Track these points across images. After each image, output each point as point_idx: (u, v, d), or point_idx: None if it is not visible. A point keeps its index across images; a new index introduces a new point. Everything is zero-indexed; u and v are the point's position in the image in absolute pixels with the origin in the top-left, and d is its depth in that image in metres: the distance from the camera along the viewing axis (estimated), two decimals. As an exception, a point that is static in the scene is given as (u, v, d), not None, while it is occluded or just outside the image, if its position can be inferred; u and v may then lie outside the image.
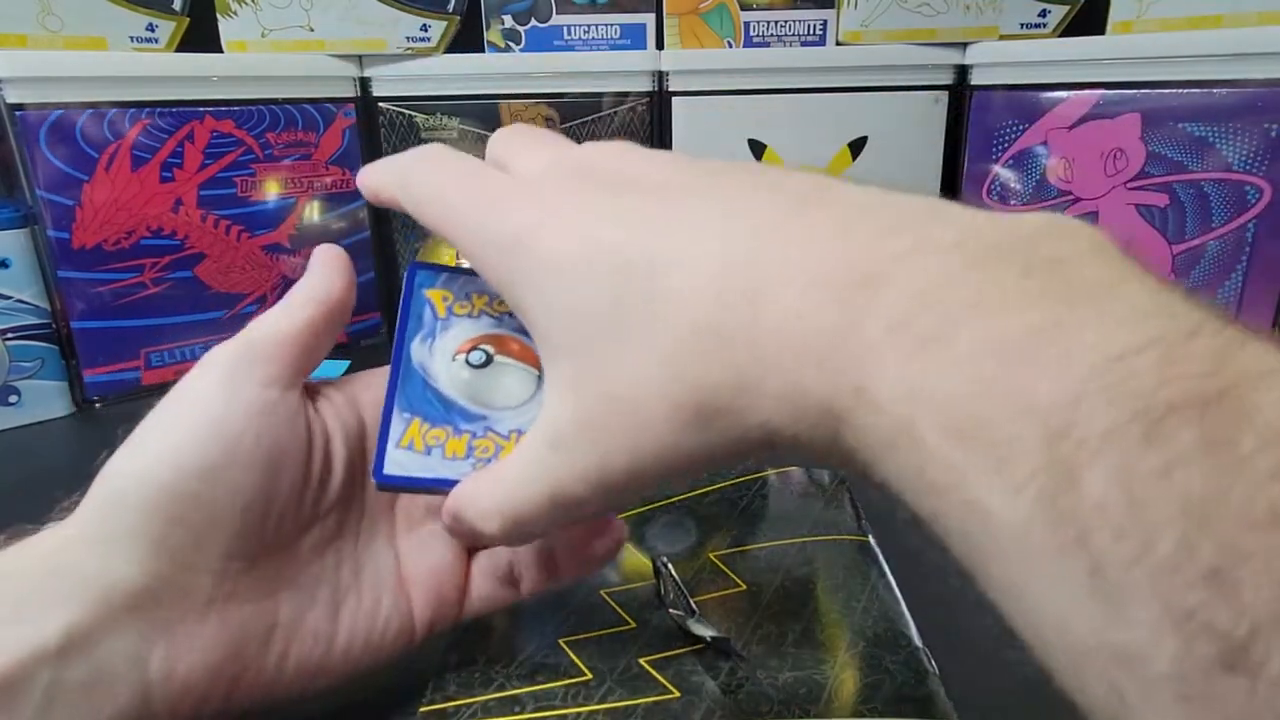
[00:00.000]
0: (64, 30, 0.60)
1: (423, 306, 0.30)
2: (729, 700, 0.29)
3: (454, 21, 0.70)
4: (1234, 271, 0.58)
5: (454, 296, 0.30)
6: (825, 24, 0.71)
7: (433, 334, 0.29)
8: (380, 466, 0.26)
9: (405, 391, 0.27)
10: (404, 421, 0.27)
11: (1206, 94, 0.57)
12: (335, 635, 0.27)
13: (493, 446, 0.27)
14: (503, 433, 0.27)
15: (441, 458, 0.26)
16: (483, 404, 0.28)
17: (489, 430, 0.27)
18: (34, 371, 0.57)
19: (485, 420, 0.27)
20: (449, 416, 0.27)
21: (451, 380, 0.28)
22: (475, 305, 0.30)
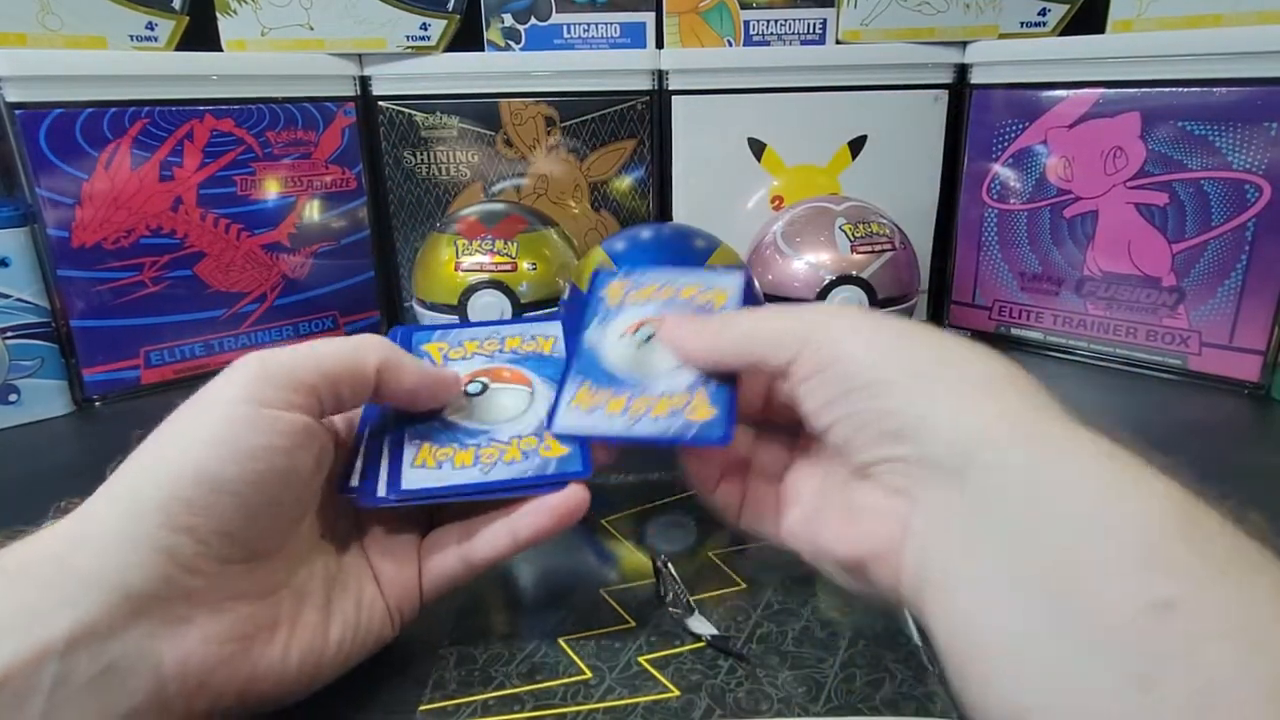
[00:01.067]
0: (64, 29, 0.60)
1: (599, 301, 0.36)
2: (728, 699, 0.29)
3: (454, 20, 0.70)
4: (1234, 270, 0.58)
5: (629, 286, 0.36)
6: (825, 23, 0.71)
7: (606, 318, 0.36)
8: (552, 420, 0.32)
9: (578, 364, 0.34)
10: (574, 386, 0.33)
11: (1206, 93, 0.57)
12: (329, 630, 0.28)
13: (645, 406, 0.32)
14: (656, 394, 0.32)
15: (604, 414, 0.32)
16: (641, 373, 0.33)
17: (644, 393, 0.32)
18: (34, 370, 0.57)
19: (641, 386, 0.33)
20: (611, 383, 0.33)
21: (617, 353, 0.34)
22: (645, 293, 0.36)
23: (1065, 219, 0.65)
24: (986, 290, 0.71)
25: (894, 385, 0.26)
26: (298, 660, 0.27)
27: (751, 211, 0.73)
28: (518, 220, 0.63)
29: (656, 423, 0.31)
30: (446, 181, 0.74)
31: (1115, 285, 0.64)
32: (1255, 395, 0.59)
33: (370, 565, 0.31)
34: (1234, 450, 0.51)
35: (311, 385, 0.28)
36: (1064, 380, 0.63)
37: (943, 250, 0.74)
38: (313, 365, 0.28)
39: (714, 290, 0.36)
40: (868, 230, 0.60)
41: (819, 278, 0.59)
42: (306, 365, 0.28)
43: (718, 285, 0.36)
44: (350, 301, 0.73)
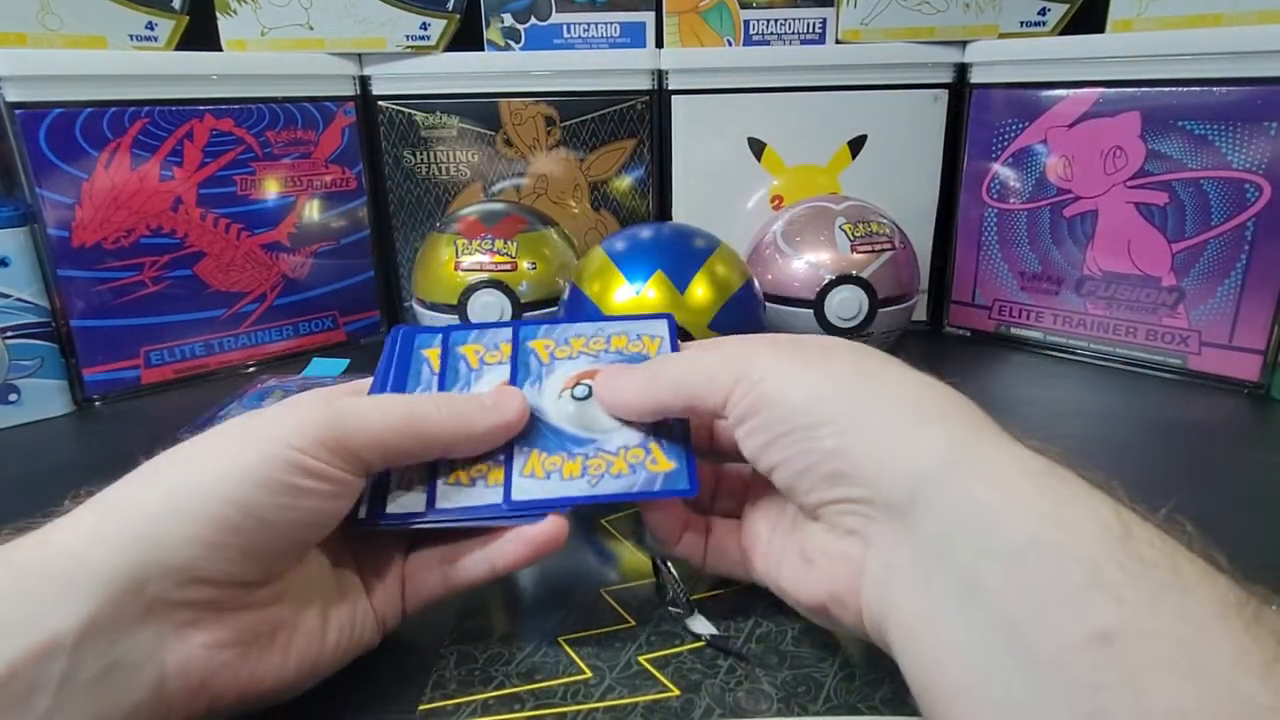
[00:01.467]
0: (64, 29, 0.60)
1: (529, 356, 0.34)
2: (728, 699, 0.29)
3: (454, 20, 0.70)
4: (1233, 270, 0.58)
5: (554, 343, 0.34)
6: (825, 22, 0.71)
7: (539, 379, 0.33)
8: (509, 493, 0.30)
9: (521, 432, 0.31)
10: (524, 455, 0.31)
11: (1206, 92, 0.57)
12: (326, 635, 0.28)
13: (604, 463, 0.31)
14: (612, 450, 0.31)
15: (561, 480, 0.30)
16: (589, 430, 0.32)
17: (600, 450, 0.31)
18: (34, 370, 0.57)
19: (594, 444, 0.31)
20: (561, 445, 0.31)
21: (559, 413, 0.32)
22: (574, 347, 0.35)
23: (1065, 218, 0.65)
24: (986, 290, 0.71)
25: (830, 423, 0.26)
26: (296, 663, 0.27)
27: (751, 211, 0.73)
28: (518, 220, 0.63)
29: (619, 480, 0.30)
30: (446, 181, 0.74)
31: (1115, 285, 0.64)
32: (1255, 395, 0.59)
33: (361, 576, 0.31)
34: (1234, 450, 0.51)
35: (367, 460, 0.28)
36: (1064, 380, 0.63)
37: (943, 250, 0.74)
38: (376, 442, 0.27)
39: (643, 339, 0.35)
40: (868, 230, 0.60)
41: (819, 277, 0.59)
42: (369, 442, 0.27)
43: (646, 333, 0.35)
44: (350, 301, 0.73)
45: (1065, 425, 0.54)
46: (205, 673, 0.25)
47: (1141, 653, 0.18)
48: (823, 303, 0.59)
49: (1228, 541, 0.21)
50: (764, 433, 0.27)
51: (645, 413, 0.31)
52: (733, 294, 0.52)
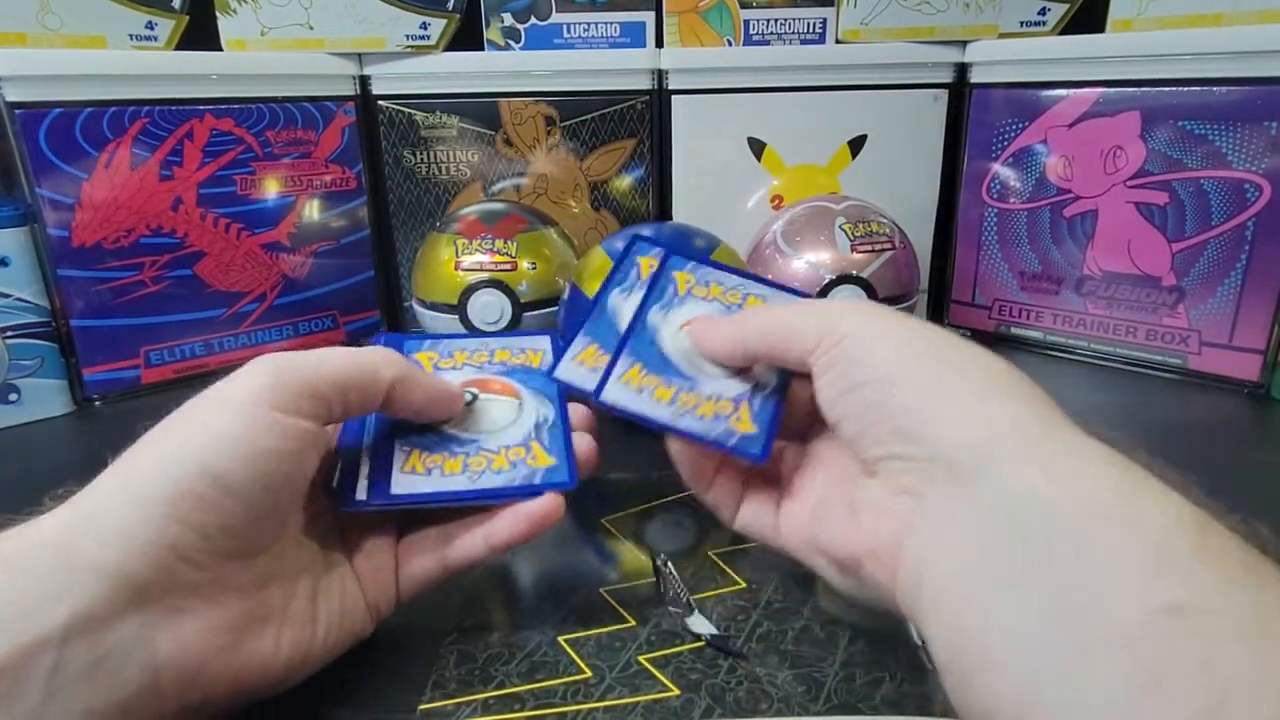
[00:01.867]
0: (63, 29, 0.60)
1: (668, 285, 0.36)
2: (728, 698, 0.29)
3: (454, 19, 0.70)
4: (1233, 269, 0.58)
5: (695, 280, 0.36)
6: (825, 22, 0.71)
7: (669, 305, 0.35)
8: (600, 390, 0.32)
9: (635, 341, 0.34)
10: (628, 363, 0.33)
11: (1206, 92, 0.57)
12: (316, 622, 0.29)
13: (693, 402, 0.32)
14: (705, 394, 0.32)
15: (651, 398, 0.32)
16: (695, 367, 0.33)
17: (694, 389, 0.33)
18: (34, 370, 0.57)
19: (693, 381, 0.33)
20: (663, 369, 0.33)
21: (674, 342, 0.34)
22: (711, 291, 0.36)
23: (1065, 218, 0.65)
24: (986, 289, 0.71)
25: (909, 382, 0.26)
26: (287, 652, 0.27)
27: (751, 211, 0.73)
28: (517, 220, 0.63)
29: (700, 421, 0.31)
30: (446, 181, 0.74)
31: (1115, 285, 0.64)
32: (1255, 395, 0.59)
33: (350, 563, 0.31)
34: (1234, 450, 0.51)
35: (324, 394, 0.28)
36: (1064, 380, 0.63)
37: (943, 249, 0.74)
38: (328, 375, 0.28)
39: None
40: (867, 229, 0.60)
41: (819, 277, 0.59)
42: (321, 374, 0.28)
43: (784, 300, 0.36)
44: (350, 301, 0.73)
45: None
46: (198, 660, 0.25)
47: (1212, 627, 0.18)
48: (823, 302, 0.59)
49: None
50: (842, 382, 0.28)
51: (731, 355, 0.32)
52: (733, 294, 0.52)
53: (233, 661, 0.26)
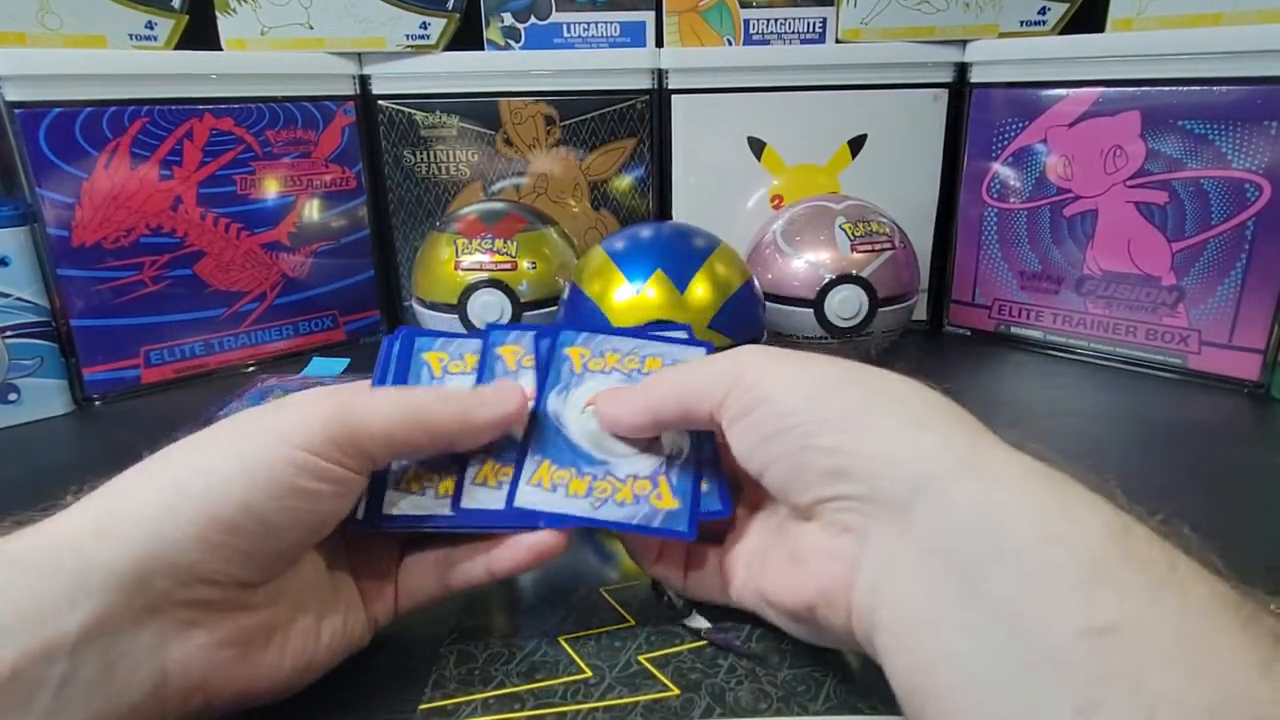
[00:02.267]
0: (63, 28, 0.60)
1: (564, 362, 0.34)
2: (728, 698, 0.29)
3: (453, 19, 0.70)
4: (1233, 269, 0.58)
5: (590, 354, 0.34)
6: (825, 22, 0.71)
7: (568, 387, 0.33)
8: (512, 498, 0.30)
9: (539, 436, 0.32)
10: (535, 463, 0.31)
11: (1206, 92, 0.57)
12: (320, 634, 0.29)
13: (610, 488, 0.31)
14: (620, 477, 0.31)
15: (565, 495, 0.30)
16: (604, 451, 0.32)
17: (609, 474, 0.31)
18: (33, 369, 0.57)
19: (606, 465, 0.31)
20: (575, 460, 0.31)
21: (580, 428, 0.32)
22: (608, 361, 0.34)
23: (1065, 218, 0.65)
24: (986, 289, 0.71)
25: (828, 422, 0.26)
26: (291, 663, 0.27)
27: (751, 211, 0.73)
28: (517, 219, 0.63)
29: (622, 508, 0.30)
30: (446, 180, 0.74)
31: (1115, 284, 0.64)
32: (1255, 394, 0.59)
33: (354, 576, 0.31)
34: (1234, 450, 0.51)
35: (374, 455, 0.28)
36: (1064, 380, 0.63)
37: (943, 249, 0.74)
38: (383, 435, 0.27)
39: (680, 363, 0.34)
40: (867, 229, 0.60)
41: (819, 277, 0.59)
42: (376, 433, 0.27)
43: (681, 359, 0.34)
44: (350, 301, 0.73)
45: (1065, 425, 0.54)
46: (204, 671, 0.25)
47: (1140, 646, 0.19)
48: (823, 302, 0.59)
49: (1228, 541, 0.21)
50: (759, 430, 0.27)
51: (643, 425, 0.31)
52: (733, 293, 0.52)
53: (239, 672, 0.26)
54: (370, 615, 0.31)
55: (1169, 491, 0.45)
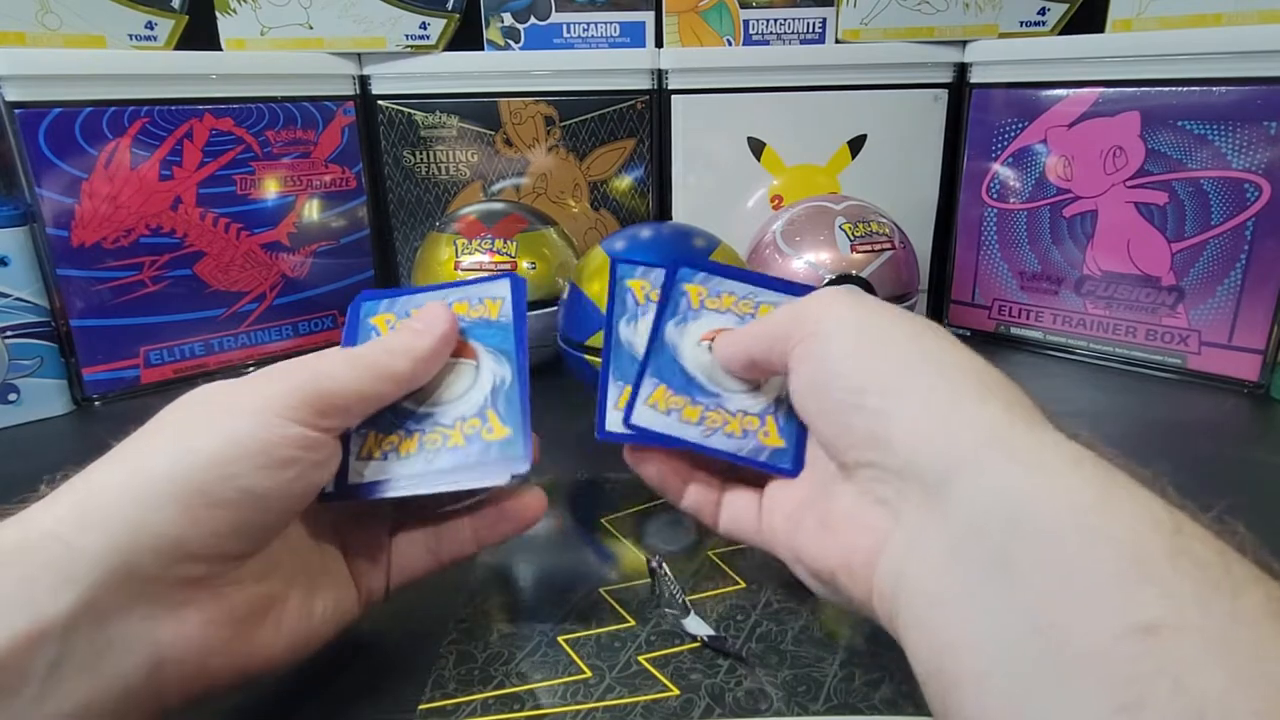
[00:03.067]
0: (63, 28, 0.60)
1: (680, 298, 0.35)
2: (728, 698, 0.29)
3: (453, 19, 0.70)
4: (1233, 269, 0.58)
5: (707, 293, 0.35)
6: (824, 22, 0.71)
7: (685, 319, 0.34)
8: (628, 417, 0.32)
9: (656, 361, 0.33)
10: (652, 385, 0.32)
11: (1206, 92, 0.57)
12: (313, 610, 0.29)
13: (720, 419, 0.32)
14: (731, 410, 0.32)
15: (679, 420, 0.32)
16: (717, 383, 0.33)
17: (720, 406, 0.32)
18: (33, 369, 0.57)
19: (718, 398, 0.32)
20: (688, 388, 0.32)
21: (694, 359, 0.33)
22: (724, 302, 0.35)
23: (1065, 218, 0.65)
24: (986, 289, 0.71)
25: (877, 382, 0.26)
26: (287, 639, 0.28)
27: (751, 211, 0.73)
28: (517, 219, 0.63)
29: (730, 440, 0.31)
30: (446, 181, 0.74)
31: (1115, 284, 0.64)
32: (1255, 395, 0.59)
33: (344, 550, 0.31)
34: (1234, 450, 0.51)
35: (348, 409, 0.28)
36: (1064, 380, 0.63)
37: (942, 249, 0.74)
38: (354, 391, 0.28)
39: None
40: (867, 229, 0.60)
41: (819, 277, 0.59)
42: (349, 392, 0.28)
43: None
44: (350, 301, 0.73)
45: (1065, 425, 0.54)
46: (201, 652, 0.25)
47: (1185, 645, 0.18)
48: (822, 302, 0.59)
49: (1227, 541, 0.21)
50: (811, 380, 0.28)
51: (742, 366, 0.32)
52: (732, 294, 0.52)
53: (235, 651, 0.26)
54: (364, 590, 0.31)
55: (1168, 491, 0.46)
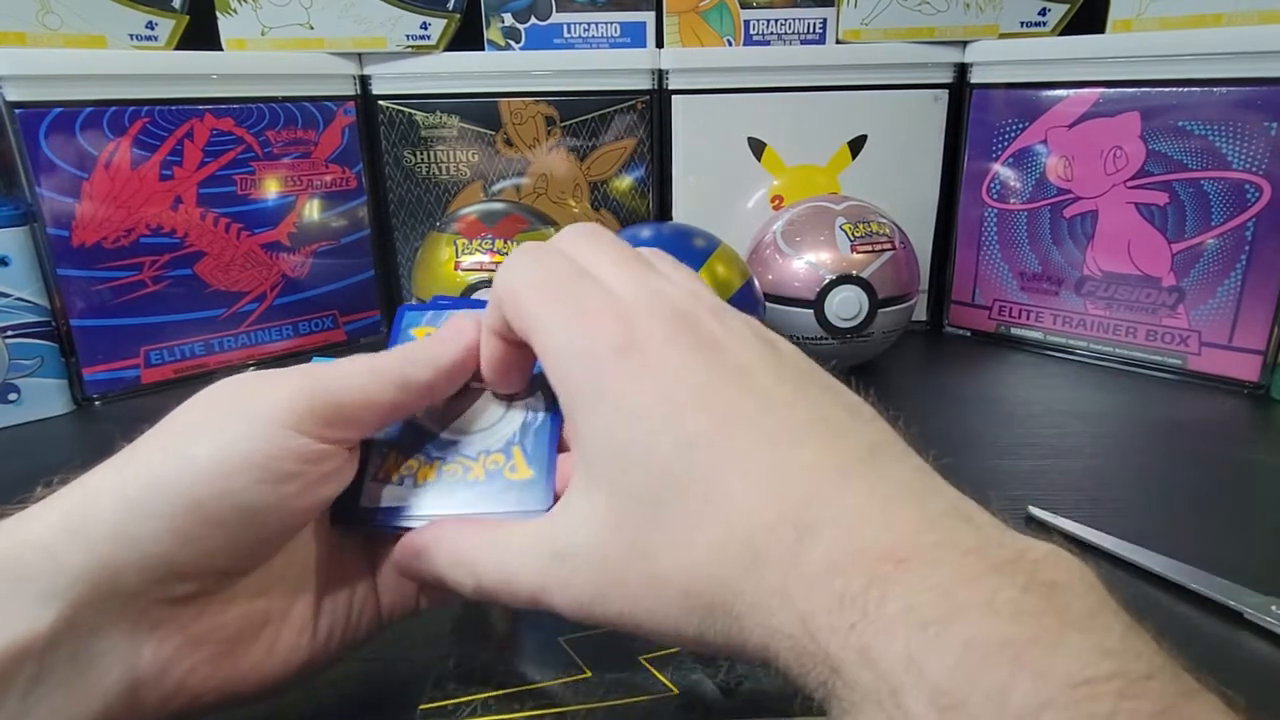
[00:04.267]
0: (64, 28, 0.60)
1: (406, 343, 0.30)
2: (728, 699, 0.29)
3: (454, 19, 0.70)
4: (1233, 270, 0.58)
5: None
6: (825, 22, 0.71)
7: None
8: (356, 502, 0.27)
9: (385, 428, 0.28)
10: (380, 456, 0.28)
11: (1206, 93, 0.57)
12: (318, 626, 0.27)
13: (460, 469, 0.28)
14: (472, 455, 0.28)
15: (413, 485, 0.27)
16: (453, 430, 0.29)
17: (459, 455, 0.28)
18: (33, 369, 0.57)
19: (455, 445, 0.28)
20: (421, 447, 0.28)
21: (428, 409, 0.29)
22: None
23: (1065, 219, 0.65)
24: (986, 290, 0.71)
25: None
26: (283, 658, 0.26)
27: (751, 211, 0.73)
28: (518, 220, 0.63)
29: (474, 488, 0.28)
30: (446, 181, 0.74)
31: (1115, 285, 0.64)
32: (1255, 395, 0.59)
33: (371, 564, 0.29)
34: (1234, 450, 0.51)
35: (360, 419, 0.26)
36: (1064, 380, 0.63)
37: (943, 250, 0.74)
38: (367, 400, 0.25)
39: None
40: (868, 230, 0.60)
41: (819, 277, 0.59)
42: (361, 401, 0.25)
43: None
44: (350, 301, 0.73)
45: (1065, 425, 0.54)
46: (182, 672, 0.23)
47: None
48: (823, 303, 0.59)
49: (1228, 541, 0.21)
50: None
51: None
52: (733, 294, 0.52)
53: (219, 671, 0.24)
54: (386, 608, 0.29)
55: (1169, 492, 0.46)
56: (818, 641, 0.18)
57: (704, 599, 0.20)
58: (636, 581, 0.21)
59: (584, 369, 0.22)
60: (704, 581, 0.20)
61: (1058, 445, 0.51)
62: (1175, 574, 0.36)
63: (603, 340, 0.22)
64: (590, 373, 0.22)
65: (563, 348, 0.23)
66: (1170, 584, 0.36)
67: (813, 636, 0.18)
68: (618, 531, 0.22)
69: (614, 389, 0.22)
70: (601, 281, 0.24)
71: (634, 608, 0.21)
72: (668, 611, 0.21)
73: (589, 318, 0.23)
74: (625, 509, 0.21)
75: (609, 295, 0.24)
